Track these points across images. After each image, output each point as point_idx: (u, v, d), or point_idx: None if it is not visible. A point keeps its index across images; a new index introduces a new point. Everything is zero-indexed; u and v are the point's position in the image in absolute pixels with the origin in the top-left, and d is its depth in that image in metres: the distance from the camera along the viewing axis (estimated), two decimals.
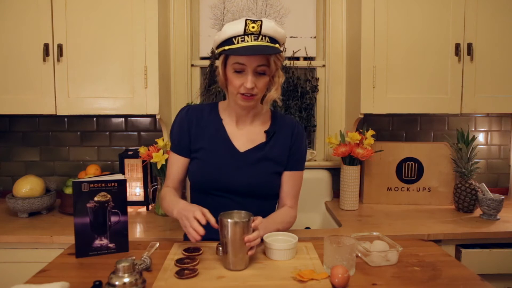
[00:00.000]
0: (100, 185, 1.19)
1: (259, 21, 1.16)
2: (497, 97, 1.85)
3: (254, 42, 1.16)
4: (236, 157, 1.30)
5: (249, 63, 1.18)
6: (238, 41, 1.17)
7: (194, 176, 1.34)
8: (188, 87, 2.14)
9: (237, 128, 1.34)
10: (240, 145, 1.32)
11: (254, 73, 1.20)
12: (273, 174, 1.33)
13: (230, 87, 1.24)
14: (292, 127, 1.36)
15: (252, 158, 1.30)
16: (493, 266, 1.58)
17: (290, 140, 1.35)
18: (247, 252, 1.08)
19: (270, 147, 1.32)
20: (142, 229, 1.65)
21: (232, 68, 1.21)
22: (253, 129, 1.34)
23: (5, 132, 2.14)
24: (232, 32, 1.17)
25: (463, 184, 1.86)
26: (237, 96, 1.24)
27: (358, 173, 1.92)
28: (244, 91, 1.21)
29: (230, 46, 1.18)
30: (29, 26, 1.75)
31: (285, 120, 1.39)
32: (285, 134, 1.35)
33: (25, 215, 1.77)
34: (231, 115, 1.35)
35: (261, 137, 1.33)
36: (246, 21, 1.16)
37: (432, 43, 1.82)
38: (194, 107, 1.38)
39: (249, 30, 1.16)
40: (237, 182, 1.28)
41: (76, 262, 1.17)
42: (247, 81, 1.19)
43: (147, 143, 2.07)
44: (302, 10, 2.16)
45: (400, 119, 2.20)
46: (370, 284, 1.03)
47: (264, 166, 1.31)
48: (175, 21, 2.10)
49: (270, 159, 1.31)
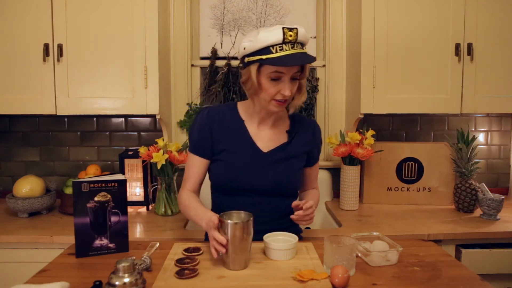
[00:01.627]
0: (100, 185, 1.19)
1: (295, 28, 1.17)
2: (497, 97, 1.85)
3: (292, 50, 1.17)
4: (259, 158, 1.32)
5: (287, 71, 1.20)
6: (277, 50, 1.17)
7: (218, 178, 1.35)
8: (188, 87, 2.14)
9: (258, 129, 1.36)
10: (263, 146, 1.34)
11: (290, 79, 1.22)
12: (295, 172, 1.37)
13: (264, 94, 1.24)
14: (312, 127, 1.43)
15: (276, 158, 1.33)
16: (493, 266, 1.58)
17: (312, 140, 1.41)
18: (249, 251, 1.09)
19: (292, 147, 1.36)
20: (142, 229, 1.65)
21: (268, 77, 1.21)
22: (275, 130, 1.37)
23: (5, 132, 2.14)
24: (270, 41, 1.17)
25: (463, 184, 1.86)
26: (271, 103, 1.25)
27: (358, 173, 1.92)
28: (280, 98, 1.23)
29: (268, 55, 1.17)
30: (29, 26, 1.75)
31: (304, 120, 1.44)
32: (306, 133, 1.40)
33: (25, 215, 1.77)
34: (253, 117, 1.36)
35: (283, 137, 1.36)
36: (283, 30, 1.16)
37: (432, 43, 1.82)
38: (214, 109, 1.39)
39: (287, 39, 1.17)
40: (262, 182, 1.31)
41: (76, 262, 1.17)
42: (285, 88, 1.20)
43: (147, 143, 2.07)
44: (302, 10, 2.16)
45: (400, 119, 2.20)
46: (370, 284, 1.03)
47: (287, 165, 1.34)
48: (175, 21, 2.10)
49: (292, 158, 1.35)
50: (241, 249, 1.07)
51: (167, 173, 1.80)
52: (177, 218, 1.78)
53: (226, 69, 2.10)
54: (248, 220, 1.08)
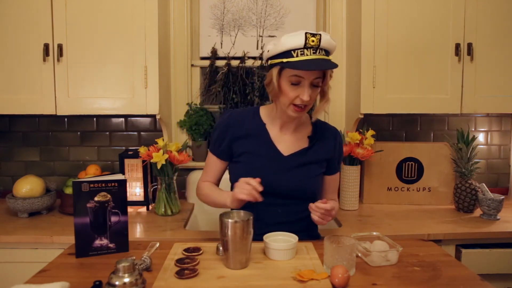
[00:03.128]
0: (100, 185, 1.19)
1: (318, 34, 1.18)
2: (497, 97, 1.85)
3: (313, 55, 1.18)
4: (280, 161, 1.33)
5: (307, 76, 1.20)
6: (298, 54, 1.18)
7: (238, 179, 1.30)
8: (188, 87, 2.14)
9: (280, 133, 1.37)
10: (284, 149, 1.34)
11: (310, 85, 1.22)
12: (315, 177, 1.37)
13: (283, 98, 1.25)
14: (334, 134, 1.41)
15: (296, 162, 1.34)
16: (493, 266, 1.59)
17: (334, 148, 1.39)
18: (249, 251, 1.09)
19: (313, 152, 1.36)
20: (142, 229, 1.65)
21: (288, 80, 1.22)
22: (296, 134, 1.37)
23: (5, 132, 2.14)
24: (292, 45, 1.18)
25: (463, 184, 1.86)
26: (289, 107, 1.25)
27: (358, 173, 1.92)
28: (299, 102, 1.23)
29: (289, 59, 1.18)
30: (29, 26, 1.75)
31: (326, 126, 1.43)
32: (327, 140, 1.39)
33: (25, 215, 1.77)
34: (275, 121, 1.37)
35: (303, 142, 1.36)
36: (306, 35, 1.16)
37: (432, 43, 1.82)
38: (236, 112, 1.41)
39: (309, 44, 1.17)
40: (281, 185, 1.31)
41: (76, 262, 1.17)
42: (304, 93, 1.21)
43: (147, 143, 2.07)
44: (302, 10, 2.16)
45: (400, 119, 2.20)
46: (370, 284, 1.03)
47: (307, 169, 1.34)
48: (175, 21, 2.10)
49: (312, 163, 1.35)
50: (241, 248, 1.08)
51: (167, 173, 1.80)
52: (177, 218, 1.78)
53: (226, 69, 2.10)
54: (248, 219, 1.09)
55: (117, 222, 1.22)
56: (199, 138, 2.10)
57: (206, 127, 2.09)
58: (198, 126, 2.08)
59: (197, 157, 2.12)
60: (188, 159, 1.83)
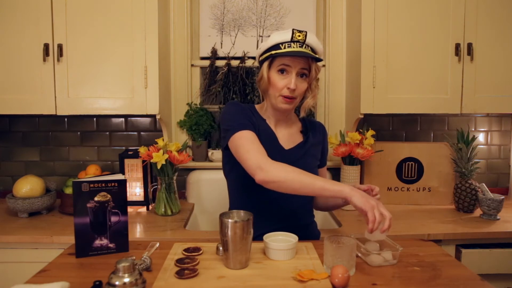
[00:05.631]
0: (100, 185, 1.19)
1: (304, 31, 1.28)
2: (497, 97, 1.85)
3: (299, 48, 1.27)
4: (283, 154, 1.35)
5: (294, 64, 1.28)
6: (285, 47, 1.27)
7: (241, 172, 1.27)
8: (188, 87, 2.14)
9: (276, 129, 1.41)
10: (284, 144, 1.39)
11: (297, 75, 1.29)
12: (315, 169, 1.43)
13: (272, 89, 1.32)
14: (321, 127, 1.51)
15: (297, 155, 1.38)
16: (493, 266, 1.58)
17: (322, 140, 1.50)
18: (249, 250, 1.10)
19: (309, 146, 1.42)
20: (142, 229, 1.65)
21: (277, 70, 1.30)
22: (290, 130, 1.44)
23: (5, 132, 2.14)
24: (280, 39, 1.28)
25: (463, 184, 1.86)
26: (278, 99, 1.32)
27: (358, 173, 1.92)
28: (286, 93, 1.29)
29: (277, 51, 1.28)
30: (29, 26, 1.75)
31: (313, 121, 1.53)
32: (317, 134, 1.47)
33: (25, 215, 1.77)
34: (269, 118, 1.41)
35: (298, 137, 1.44)
36: (293, 30, 1.27)
37: (432, 43, 1.82)
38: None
39: (295, 38, 1.27)
40: None
41: (76, 262, 1.17)
42: (291, 82, 1.28)
43: (147, 143, 2.07)
44: (302, 10, 2.16)
45: (400, 119, 2.20)
46: (370, 284, 1.03)
47: (307, 162, 1.40)
48: (175, 21, 2.10)
49: (310, 156, 1.42)
50: (241, 248, 1.07)
51: (167, 173, 1.80)
52: (177, 218, 1.78)
53: (226, 69, 2.10)
54: (248, 219, 1.09)
55: (117, 222, 1.22)
56: (199, 138, 2.10)
57: (206, 127, 2.09)
58: (198, 126, 2.09)
59: (197, 157, 2.12)
60: (188, 159, 1.83)
